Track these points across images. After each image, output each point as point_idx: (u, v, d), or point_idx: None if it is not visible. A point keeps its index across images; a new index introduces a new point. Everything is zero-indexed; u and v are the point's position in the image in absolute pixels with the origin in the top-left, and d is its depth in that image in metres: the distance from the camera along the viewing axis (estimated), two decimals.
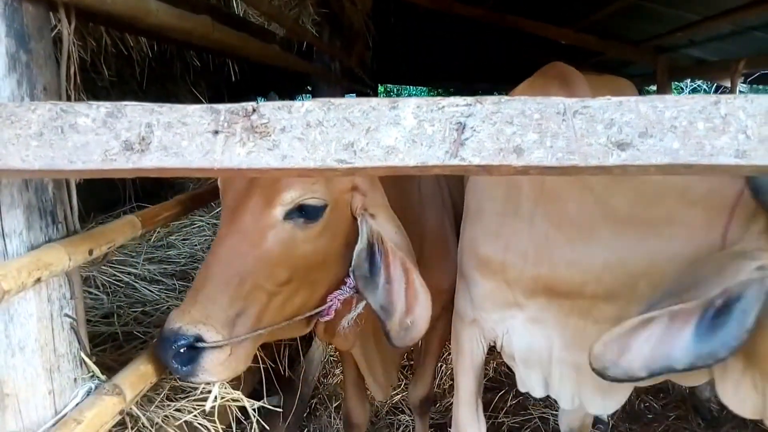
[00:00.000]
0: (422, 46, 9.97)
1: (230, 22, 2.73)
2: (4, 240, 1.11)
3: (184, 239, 2.96)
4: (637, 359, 1.34)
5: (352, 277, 1.64)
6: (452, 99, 0.90)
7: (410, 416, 3.43)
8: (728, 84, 6.08)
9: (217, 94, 5.26)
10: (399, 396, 3.69)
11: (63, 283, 1.21)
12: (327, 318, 1.74)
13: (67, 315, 1.22)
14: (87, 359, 1.27)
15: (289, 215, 1.55)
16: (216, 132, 0.89)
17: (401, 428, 3.41)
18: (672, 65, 7.43)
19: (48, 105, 0.89)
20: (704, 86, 10.73)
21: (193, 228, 3.06)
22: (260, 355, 1.94)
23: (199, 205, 1.87)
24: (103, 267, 2.33)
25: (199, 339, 1.38)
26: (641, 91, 8.13)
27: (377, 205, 1.71)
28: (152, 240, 2.90)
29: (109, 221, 1.45)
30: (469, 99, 0.90)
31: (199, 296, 1.43)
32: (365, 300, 1.67)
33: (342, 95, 5.41)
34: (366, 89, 7.80)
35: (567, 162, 0.88)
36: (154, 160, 0.89)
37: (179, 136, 0.89)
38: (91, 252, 1.21)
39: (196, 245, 2.88)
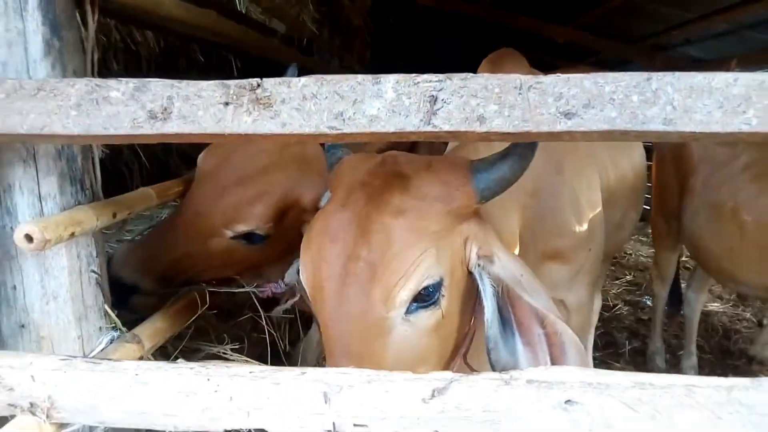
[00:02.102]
0: (420, 43, 10.14)
1: (234, 18, 2.90)
2: (41, 202, 1.28)
3: None
4: None
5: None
6: (426, 75, 1.06)
7: None
8: None
9: None
10: None
11: (90, 242, 1.38)
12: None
13: (93, 271, 1.39)
14: (110, 311, 1.44)
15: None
16: (227, 103, 1.05)
17: None
18: (669, 63, 7.58)
19: (84, 80, 1.06)
20: None
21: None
22: (266, 327, 2.10)
23: None
24: (110, 244, 2.49)
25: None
26: None
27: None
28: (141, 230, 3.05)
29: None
30: (441, 75, 1.07)
31: None
32: None
33: None
34: None
35: (522, 129, 1.04)
36: (174, 127, 1.05)
37: (195, 107, 1.05)
38: (114, 215, 1.38)
39: None
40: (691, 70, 1.06)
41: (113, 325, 1.47)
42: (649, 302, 5.12)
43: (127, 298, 1.71)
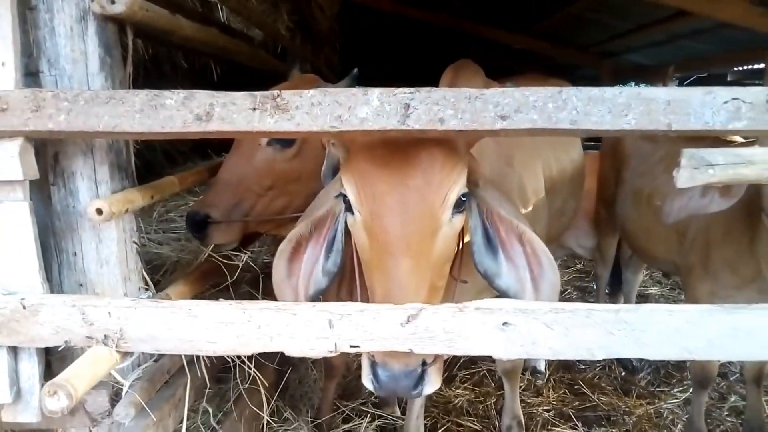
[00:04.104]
0: (387, 50, 10.56)
1: (217, 27, 3.24)
2: (97, 186, 1.62)
3: (181, 215, 3.45)
4: None
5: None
6: (402, 89, 1.45)
7: None
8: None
9: None
10: None
11: (132, 218, 1.73)
12: None
13: (134, 242, 1.73)
14: (146, 275, 1.79)
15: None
16: (254, 109, 1.42)
17: None
18: (615, 69, 8.16)
19: (146, 91, 1.41)
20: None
21: (189, 206, 3.54)
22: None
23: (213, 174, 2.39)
24: None
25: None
26: None
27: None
28: (154, 216, 3.37)
29: None
30: (413, 89, 1.46)
31: None
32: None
33: None
34: None
35: (471, 127, 1.44)
36: (215, 127, 1.42)
37: (231, 111, 1.42)
38: (152, 197, 1.73)
39: None
40: (634, 76, 1.47)
41: (147, 287, 1.81)
42: (596, 287, 5.64)
43: (204, 228, 2.20)
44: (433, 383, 1.53)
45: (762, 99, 1.43)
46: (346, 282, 2.28)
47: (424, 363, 1.49)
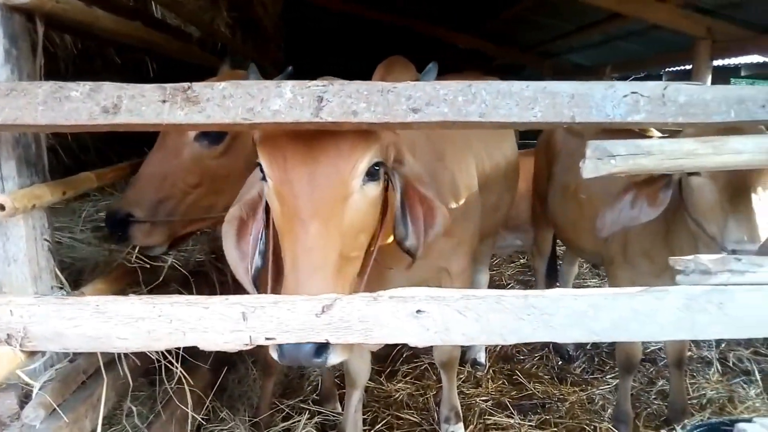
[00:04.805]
0: (334, 48, 10.53)
1: (151, 23, 3.17)
2: (3, 182, 1.57)
3: None
4: None
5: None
6: (315, 81, 1.46)
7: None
8: None
9: None
10: None
11: (43, 215, 1.68)
12: None
13: (45, 239, 1.68)
14: (59, 273, 1.73)
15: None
16: (164, 101, 1.40)
17: (311, 377, 3.93)
18: (556, 69, 8.40)
19: (50, 83, 1.38)
20: None
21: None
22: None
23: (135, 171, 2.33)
24: None
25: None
26: None
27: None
28: (83, 216, 3.26)
29: None
30: (326, 81, 1.47)
31: None
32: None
33: None
34: None
35: (383, 120, 1.47)
36: (123, 119, 1.39)
37: (140, 104, 1.40)
38: (64, 193, 1.68)
39: None
40: (574, 76, 1.52)
41: (61, 285, 1.76)
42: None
43: (126, 228, 2.10)
44: (338, 353, 1.53)
45: (658, 93, 1.51)
46: None
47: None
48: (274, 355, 1.51)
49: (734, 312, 1.52)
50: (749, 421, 1.56)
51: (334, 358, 1.53)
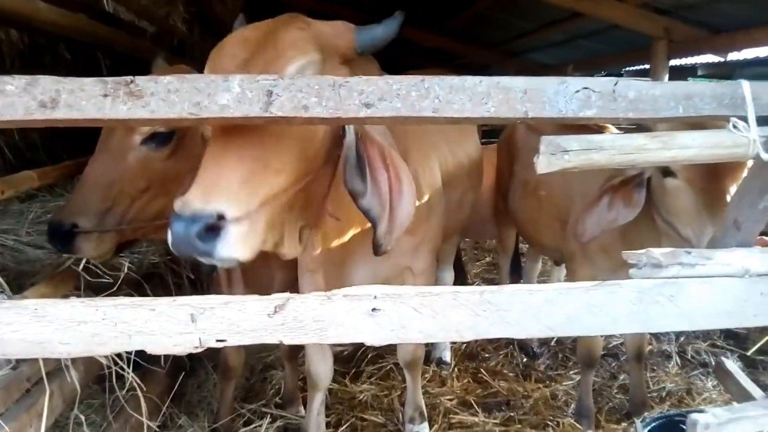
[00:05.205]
0: None
1: (102, 18, 3.07)
2: None
3: None
4: None
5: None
6: (264, 75, 1.42)
7: (282, 371, 3.89)
8: None
9: None
10: (272, 356, 4.15)
11: None
12: None
13: None
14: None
15: None
16: (106, 95, 1.34)
17: (273, 381, 3.87)
18: (520, 68, 8.50)
19: None
20: None
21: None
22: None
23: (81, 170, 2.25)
24: None
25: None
26: None
27: None
28: (31, 218, 3.14)
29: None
30: (275, 75, 1.43)
31: None
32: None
33: None
34: None
35: (335, 115, 1.44)
36: (62, 114, 1.33)
37: (79, 98, 1.34)
38: (3, 192, 1.60)
39: None
40: (538, 74, 1.51)
41: (2, 290, 1.68)
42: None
43: (71, 240, 1.98)
44: (233, 245, 1.45)
45: (609, 89, 1.52)
46: None
47: (222, 217, 1.43)
48: (169, 240, 1.48)
49: (685, 304, 1.54)
50: (702, 411, 1.58)
51: (227, 251, 1.45)
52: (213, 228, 1.42)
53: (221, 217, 1.44)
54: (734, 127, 1.51)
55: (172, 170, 2.22)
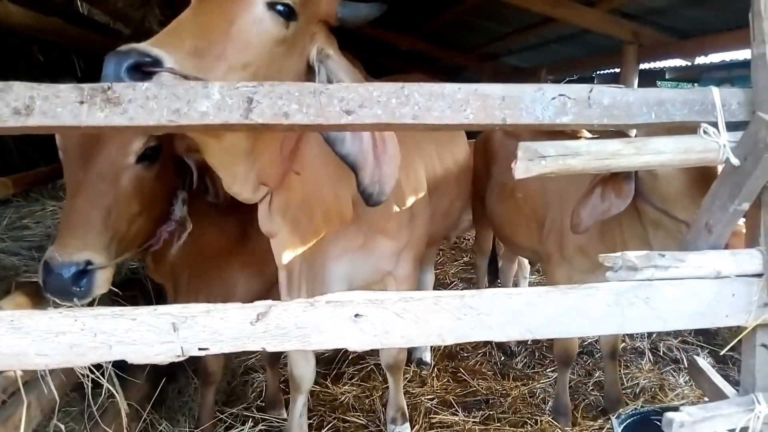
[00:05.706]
0: None
1: (77, 20, 3.02)
2: None
3: (37, 222, 3.17)
4: None
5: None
6: (244, 82, 1.42)
7: (263, 373, 3.88)
8: None
9: None
10: (252, 359, 4.13)
11: None
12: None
13: None
14: None
15: None
16: (82, 102, 1.33)
17: (255, 384, 3.85)
18: (495, 71, 8.58)
19: None
20: None
21: (46, 212, 3.27)
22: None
23: (59, 177, 2.21)
24: None
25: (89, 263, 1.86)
26: None
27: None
28: (5, 224, 3.08)
29: None
30: (255, 83, 1.43)
31: None
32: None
33: None
34: None
35: (316, 122, 1.44)
36: (36, 122, 1.31)
37: (54, 105, 1.32)
38: None
39: (50, 227, 3.11)
40: (512, 78, 1.53)
41: None
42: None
43: (90, 280, 1.83)
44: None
45: (584, 95, 1.56)
46: None
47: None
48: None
49: (660, 306, 1.58)
50: (677, 409, 1.63)
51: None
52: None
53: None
54: (705, 132, 1.56)
55: (160, 189, 2.15)
